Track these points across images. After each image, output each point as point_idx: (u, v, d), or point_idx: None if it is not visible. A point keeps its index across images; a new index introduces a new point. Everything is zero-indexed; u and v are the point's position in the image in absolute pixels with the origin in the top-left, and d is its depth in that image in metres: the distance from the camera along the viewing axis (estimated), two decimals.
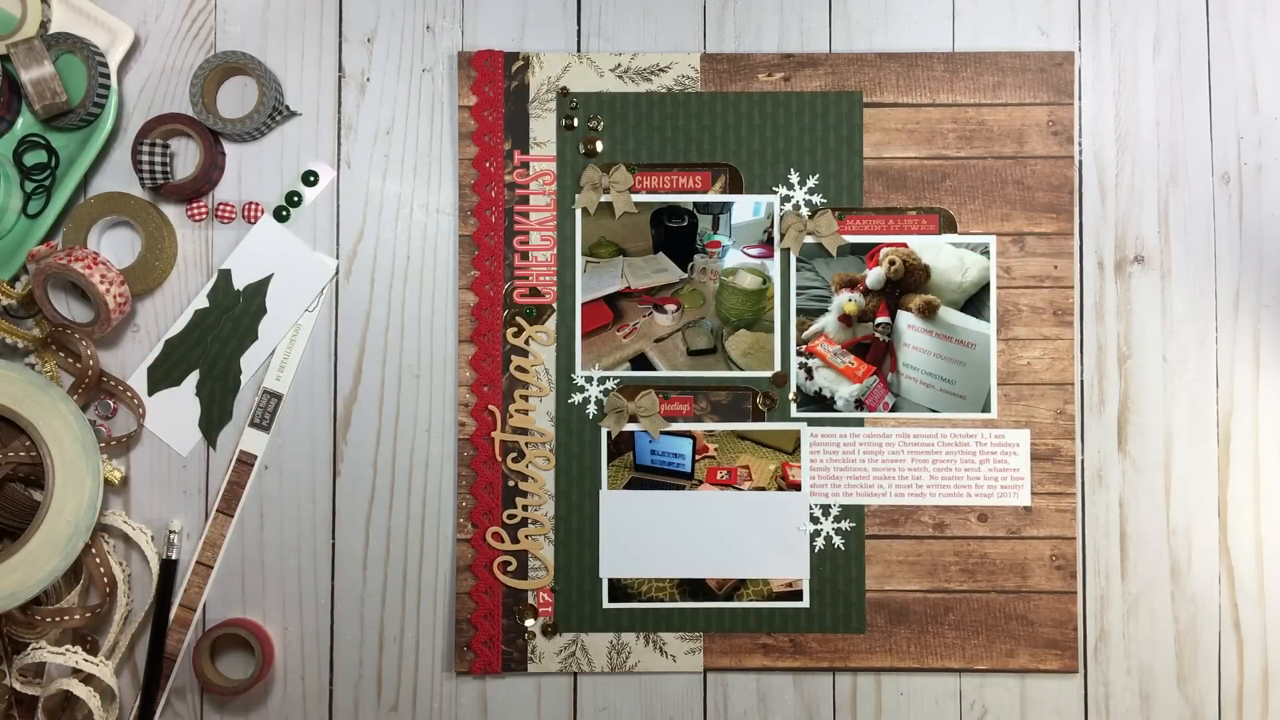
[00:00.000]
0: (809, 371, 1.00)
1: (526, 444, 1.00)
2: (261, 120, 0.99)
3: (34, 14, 0.98)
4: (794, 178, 1.00)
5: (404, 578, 0.99)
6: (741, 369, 1.00)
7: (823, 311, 1.00)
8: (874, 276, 1.00)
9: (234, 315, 1.00)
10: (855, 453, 1.00)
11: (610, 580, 0.99)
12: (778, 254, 1.00)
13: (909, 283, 1.00)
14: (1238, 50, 1.02)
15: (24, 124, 1.00)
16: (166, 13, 1.01)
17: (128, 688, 0.99)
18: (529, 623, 0.99)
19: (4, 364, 0.94)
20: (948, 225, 1.00)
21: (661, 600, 0.99)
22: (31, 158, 0.99)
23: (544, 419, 1.00)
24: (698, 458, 1.00)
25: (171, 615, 0.98)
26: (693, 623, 0.99)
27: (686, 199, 1.00)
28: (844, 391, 1.00)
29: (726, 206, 1.00)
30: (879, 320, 1.00)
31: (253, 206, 1.00)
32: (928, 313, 1.00)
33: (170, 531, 0.98)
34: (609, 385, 1.00)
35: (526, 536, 0.99)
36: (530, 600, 0.99)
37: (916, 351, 1.00)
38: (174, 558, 0.98)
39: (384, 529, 1.00)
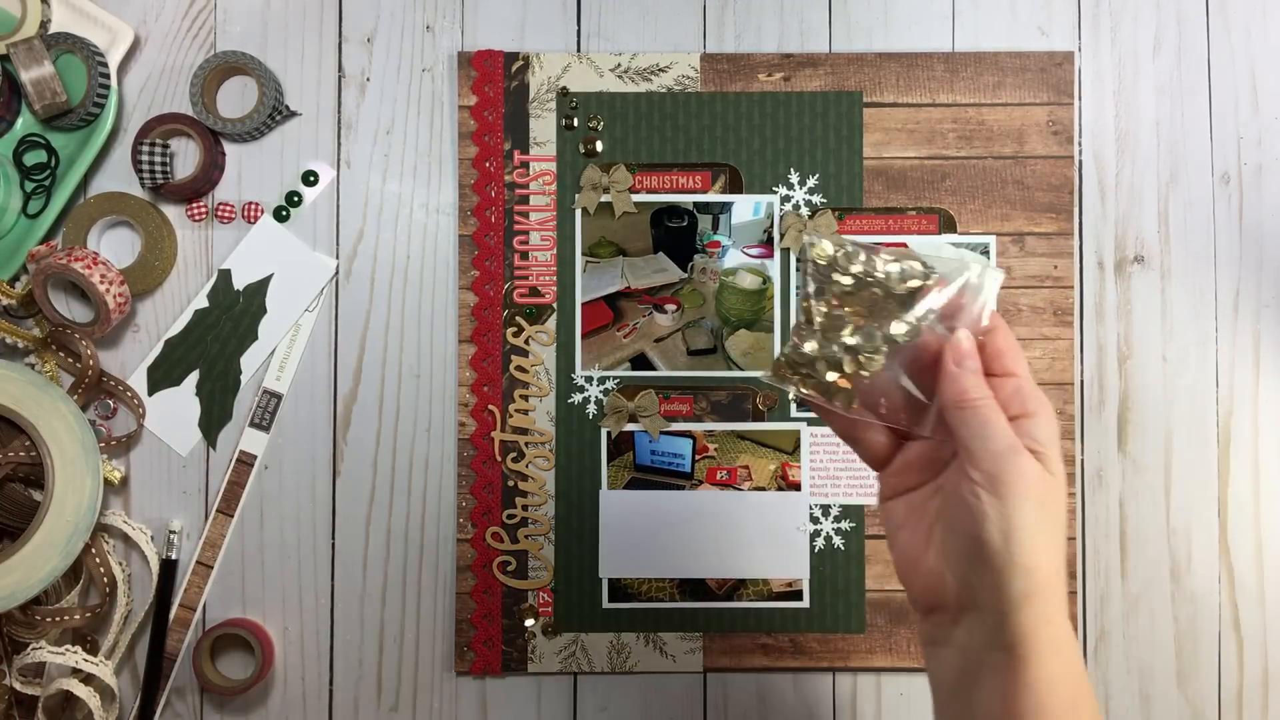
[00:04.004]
0: None
1: (526, 444, 1.00)
2: (261, 120, 0.99)
3: (34, 14, 0.98)
4: (794, 178, 1.00)
5: (404, 578, 0.99)
6: (741, 369, 1.00)
7: None
8: None
9: (234, 315, 1.00)
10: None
11: (610, 580, 0.99)
12: (778, 254, 1.00)
13: None
14: (1238, 50, 1.02)
15: (24, 124, 1.00)
16: (166, 13, 1.01)
17: (128, 688, 0.99)
18: (529, 623, 0.99)
19: (4, 364, 0.94)
20: (948, 225, 1.00)
21: (661, 600, 0.99)
22: (31, 158, 0.99)
23: (544, 419, 1.00)
24: (698, 458, 1.00)
25: (171, 615, 0.98)
26: (693, 623, 0.99)
27: (686, 199, 1.01)
28: None
29: (726, 206, 1.00)
30: None
31: (253, 206, 1.00)
32: None
33: (170, 531, 0.98)
34: (609, 385, 1.00)
35: (526, 536, 0.99)
36: (530, 600, 0.99)
37: None
38: (174, 558, 0.98)
39: (384, 529, 1.00)
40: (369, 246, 1.01)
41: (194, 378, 1.00)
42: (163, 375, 1.00)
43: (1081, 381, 1.01)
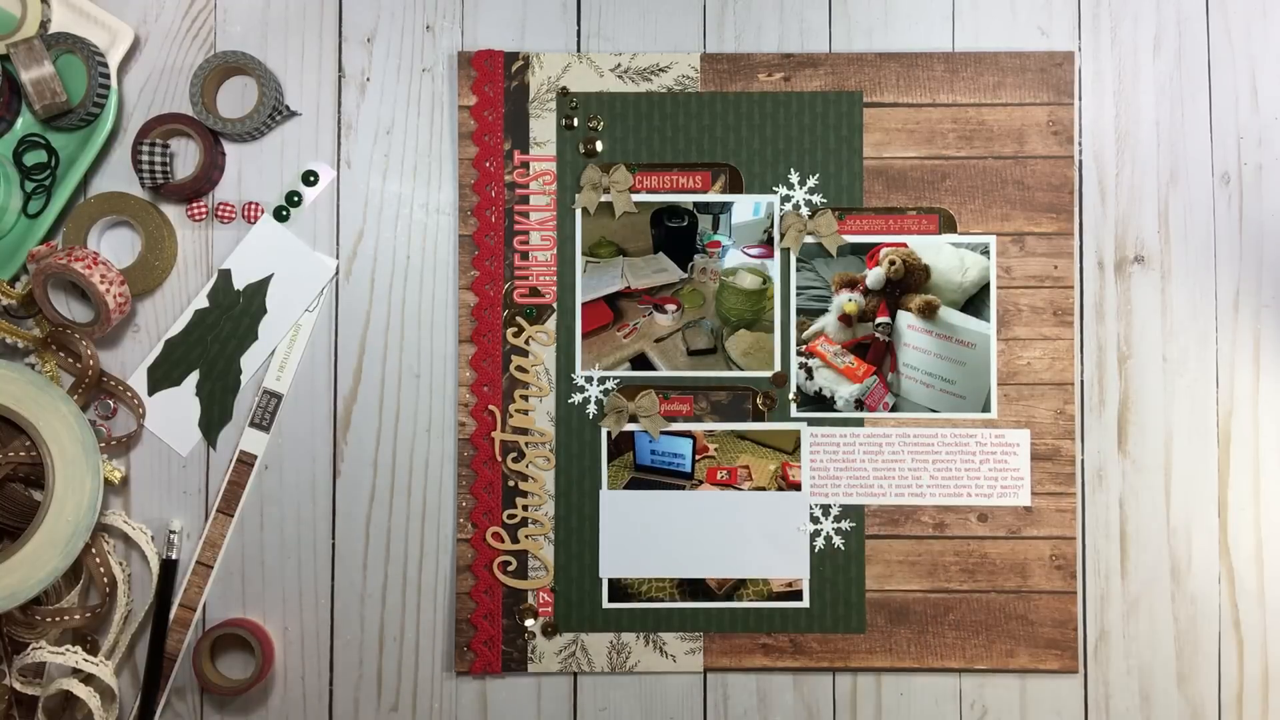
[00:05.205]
0: (809, 371, 1.00)
1: (526, 444, 1.00)
2: (261, 120, 0.99)
3: (34, 14, 0.98)
4: (794, 178, 1.00)
5: (404, 578, 0.99)
6: (741, 369, 1.00)
7: (823, 311, 1.00)
8: (874, 276, 1.00)
9: (234, 315, 1.00)
10: (855, 453, 1.00)
11: (610, 580, 0.99)
12: (778, 254, 1.00)
13: (909, 283, 1.00)
14: (1238, 50, 1.02)
15: (24, 124, 1.00)
16: (166, 13, 1.01)
17: (128, 688, 0.99)
18: (529, 623, 0.99)
19: (4, 364, 0.94)
20: (948, 225, 1.00)
21: (661, 600, 0.99)
22: (31, 158, 0.99)
23: (544, 419, 1.00)
24: (698, 458, 1.00)
25: (171, 615, 0.98)
26: (693, 623, 0.99)
27: (686, 199, 1.00)
28: (844, 391, 1.00)
29: (726, 206, 1.00)
30: (879, 320, 1.00)
31: (253, 206, 1.00)
32: (928, 313, 1.00)
33: (170, 531, 0.98)
34: (609, 385, 1.00)
35: (526, 536, 0.99)
36: (530, 600, 0.99)
37: (916, 351, 1.00)
38: (174, 558, 0.98)
39: (384, 529, 1.00)
40: (369, 246, 1.01)
41: (194, 378, 1.00)
42: (163, 375, 1.00)
43: (1081, 381, 1.01)
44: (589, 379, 1.00)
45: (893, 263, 1.00)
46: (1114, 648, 1.00)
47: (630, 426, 1.00)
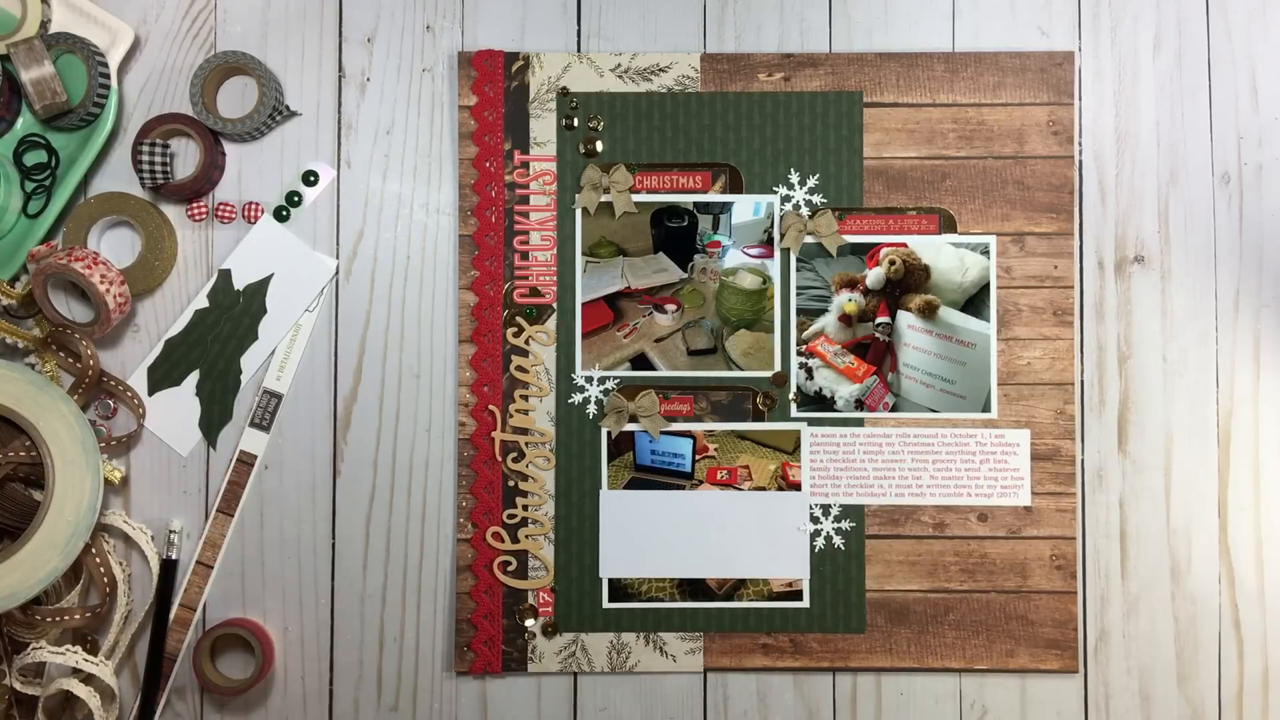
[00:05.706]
0: (809, 371, 1.00)
1: (526, 444, 1.00)
2: (261, 120, 0.99)
3: (34, 14, 0.98)
4: (794, 178, 1.00)
5: (404, 578, 0.99)
6: (741, 369, 1.00)
7: (823, 311, 1.00)
8: (874, 276, 1.00)
9: (234, 315, 1.00)
10: (855, 453, 1.00)
11: (610, 580, 0.99)
12: (778, 254, 1.00)
13: (909, 283, 1.00)
14: (1238, 50, 1.02)
15: (24, 124, 1.00)
16: (166, 13, 1.01)
17: (128, 688, 0.99)
18: (529, 623, 0.99)
19: (4, 364, 0.94)
20: (948, 225, 1.00)
21: (661, 600, 0.99)
22: (31, 158, 0.99)
23: (544, 419, 1.00)
24: (698, 458, 1.00)
25: (171, 615, 0.98)
26: (693, 623, 0.99)
27: (686, 199, 1.00)
28: (844, 391, 1.00)
29: (726, 206, 1.00)
30: (879, 320, 1.00)
31: (253, 206, 1.00)
32: (928, 313, 1.00)
33: (170, 531, 0.98)
34: (609, 385, 1.00)
35: (526, 536, 0.99)
36: (530, 600, 0.99)
37: (916, 351, 1.00)
38: (174, 558, 0.98)
39: (384, 529, 1.00)
40: (369, 246, 1.01)
41: (194, 378, 1.00)
42: (163, 375, 1.00)
43: (1081, 381, 1.01)
44: (589, 379, 1.00)
45: (893, 263, 1.00)
46: (1114, 648, 1.00)
47: (630, 426, 1.00)
